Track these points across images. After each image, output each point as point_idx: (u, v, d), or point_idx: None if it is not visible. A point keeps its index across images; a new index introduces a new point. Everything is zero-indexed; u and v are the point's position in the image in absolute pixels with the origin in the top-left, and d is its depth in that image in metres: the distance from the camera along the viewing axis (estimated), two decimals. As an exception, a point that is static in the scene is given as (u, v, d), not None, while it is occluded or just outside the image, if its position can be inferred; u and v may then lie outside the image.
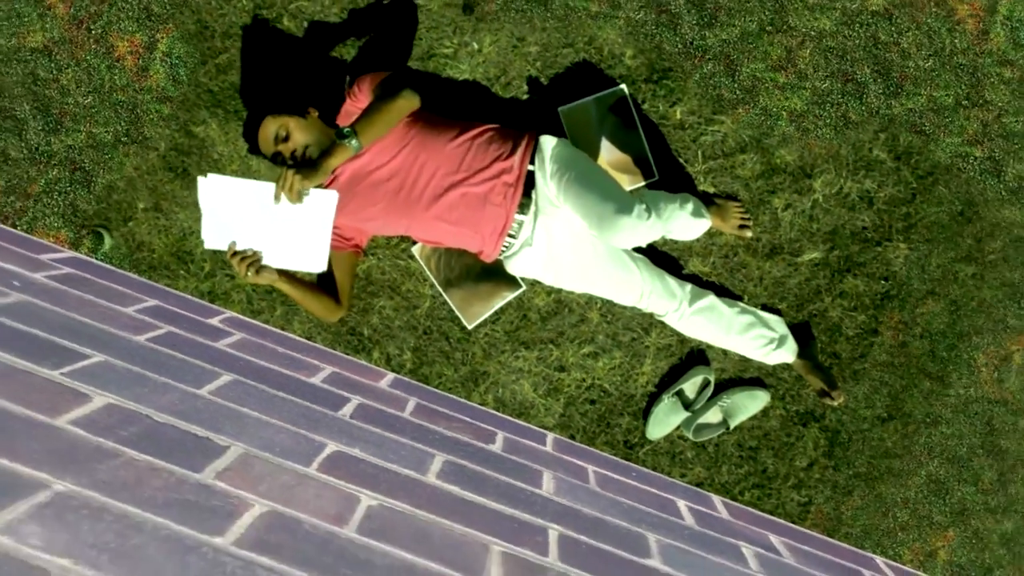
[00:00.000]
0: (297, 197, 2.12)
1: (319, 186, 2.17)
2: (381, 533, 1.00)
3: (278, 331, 2.40)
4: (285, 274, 2.36)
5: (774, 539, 2.03)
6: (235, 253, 2.25)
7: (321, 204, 2.17)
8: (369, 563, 0.89)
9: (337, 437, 1.36)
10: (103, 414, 1.02)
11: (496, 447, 1.80)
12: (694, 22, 2.60)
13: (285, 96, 2.65)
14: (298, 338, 2.48)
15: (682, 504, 1.95)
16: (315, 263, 2.26)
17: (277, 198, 2.13)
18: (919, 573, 2.53)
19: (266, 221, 2.18)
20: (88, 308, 1.63)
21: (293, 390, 1.61)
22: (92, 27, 2.60)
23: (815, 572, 1.79)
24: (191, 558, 0.73)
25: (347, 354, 2.68)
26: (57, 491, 0.75)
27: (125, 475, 0.84)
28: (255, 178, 2.47)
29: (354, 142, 2.17)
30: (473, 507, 1.27)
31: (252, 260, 2.26)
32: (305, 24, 2.63)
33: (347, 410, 1.61)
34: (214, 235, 2.19)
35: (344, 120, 2.41)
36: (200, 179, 2.12)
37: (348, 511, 1.03)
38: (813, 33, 2.60)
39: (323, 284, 2.51)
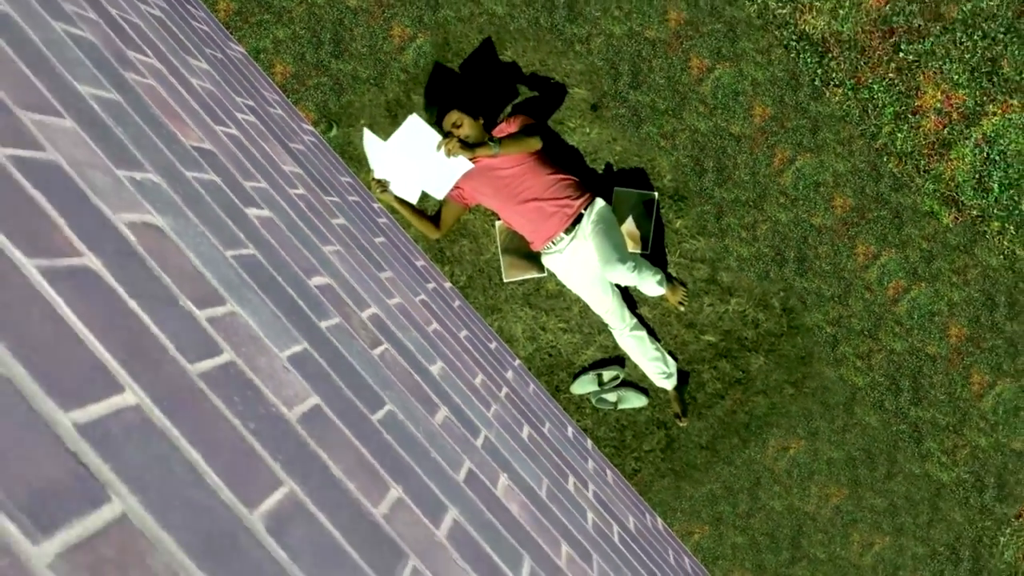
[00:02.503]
0: (447, 154, 2.35)
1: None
2: (441, 341, 1.42)
3: (402, 229, 2.83)
4: (401, 200, 2.54)
5: (608, 472, 2.46)
6: (375, 179, 2.48)
7: (459, 164, 2.39)
8: (436, 346, 1.31)
9: (424, 295, 1.79)
10: (342, 230, 1.45)
11: (492, 347, 2.24)
12: (713, 178, 2.75)
13: (470, 101, 2.75)
14: (410, 239, 2.90)
15: (569, 429, 2.39)
16: (439, 192, 2.45)
17: (438, 147, 2.36)
18: (677, 539, 2.91)
19: (422, 156, 2.41)
20: (327, 168, 2.07)
21: (410, 261, 2.04)
22: (388, 12, 2.84)
23: (622, 494, 2.22)
24: (372, 309, 1.16)
25: (432, 260, 3.07)
26: (334, 250, 1.19)
27: (352, 254, 1.28)
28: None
29: (496, 149, 2.36)
30: (475, 357, 1.68)
31: (383, 186, 2.47)
32: (503, 68, 2.79)
33: (429, 286, 2.03)
34: (379, 166, 2.43)
35: (498, 133, 2.56)
36: (411, 117, 2.38)
37: (427, 323, 1.45)
38: (774, 218, 2.75)
39: (436, 215, 2.68)
